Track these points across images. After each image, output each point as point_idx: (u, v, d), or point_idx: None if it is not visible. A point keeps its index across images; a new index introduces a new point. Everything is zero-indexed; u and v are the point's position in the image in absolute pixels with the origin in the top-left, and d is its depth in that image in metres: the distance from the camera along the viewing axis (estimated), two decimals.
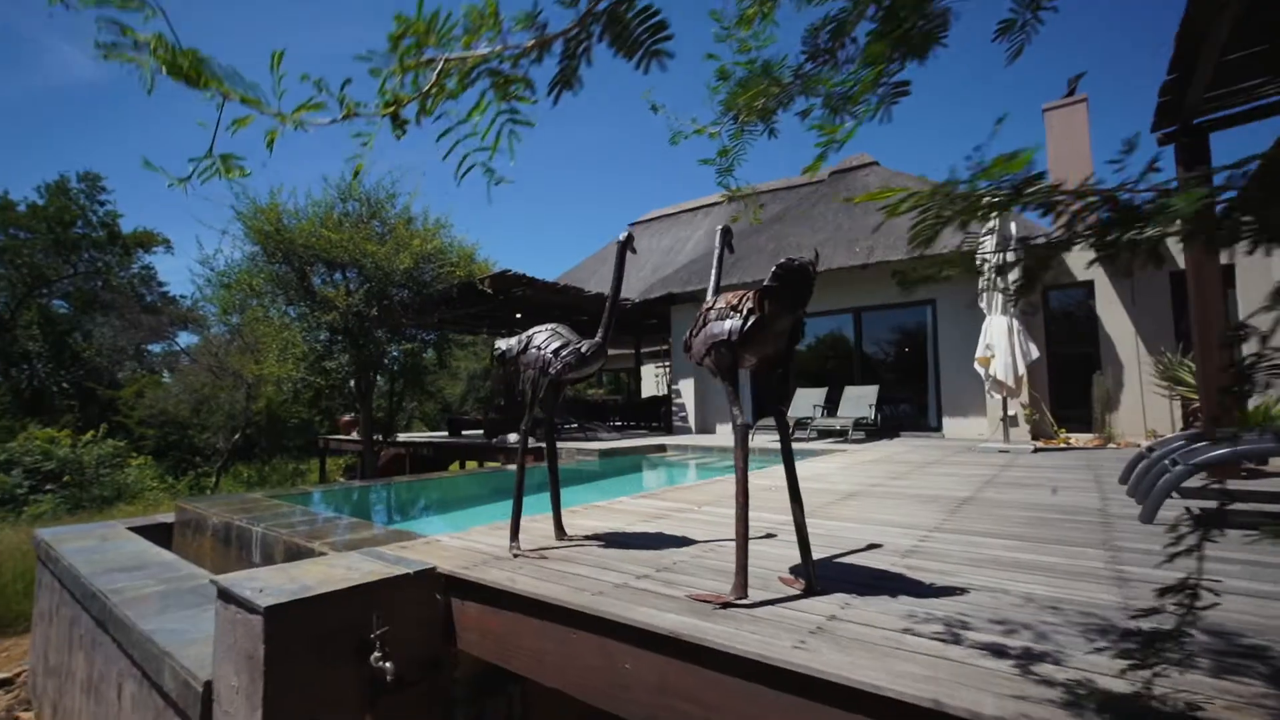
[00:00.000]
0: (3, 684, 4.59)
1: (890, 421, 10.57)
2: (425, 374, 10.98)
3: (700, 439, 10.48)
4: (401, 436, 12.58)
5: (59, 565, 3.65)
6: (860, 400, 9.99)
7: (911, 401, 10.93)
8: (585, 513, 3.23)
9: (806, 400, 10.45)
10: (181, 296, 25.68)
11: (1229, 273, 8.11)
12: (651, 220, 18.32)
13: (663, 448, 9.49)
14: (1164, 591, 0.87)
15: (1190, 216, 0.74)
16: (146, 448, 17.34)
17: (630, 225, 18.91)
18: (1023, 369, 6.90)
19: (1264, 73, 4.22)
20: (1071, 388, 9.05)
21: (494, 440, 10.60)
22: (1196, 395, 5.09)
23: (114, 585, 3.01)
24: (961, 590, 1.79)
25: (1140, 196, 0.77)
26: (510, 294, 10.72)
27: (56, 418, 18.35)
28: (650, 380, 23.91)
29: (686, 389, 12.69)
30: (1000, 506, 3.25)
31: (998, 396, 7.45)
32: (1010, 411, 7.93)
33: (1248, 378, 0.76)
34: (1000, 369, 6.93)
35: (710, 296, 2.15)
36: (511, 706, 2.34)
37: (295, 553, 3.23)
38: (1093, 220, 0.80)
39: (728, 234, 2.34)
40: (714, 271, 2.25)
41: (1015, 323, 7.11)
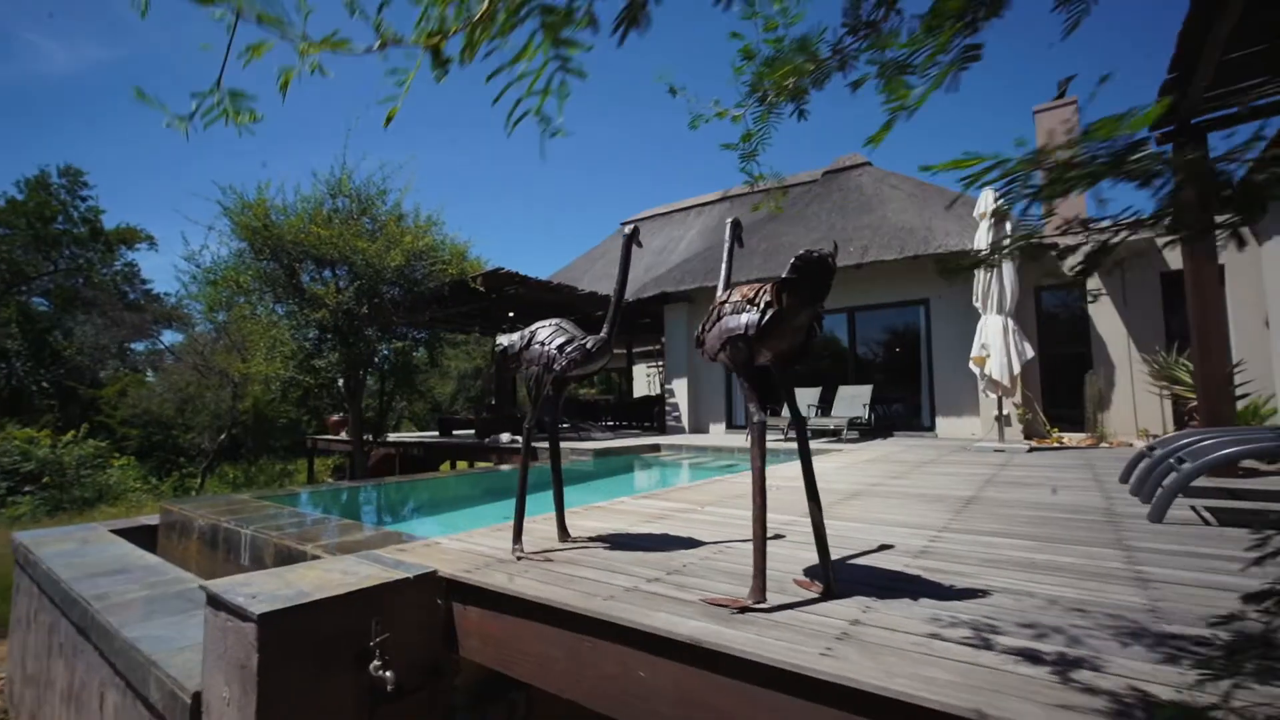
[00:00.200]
0: None
1: (884, 421, 10.58)
2: (416, 373, 10.82)
3: (694, 439, 10.43)
4: (391, 436, 12.42)
5: (38, 569, 3.52)
6: (854, 400, 9.99)
7: (905, 401, 10.95)
8: (586, 513, 3.15)
9: (800, 400, 10.44)
10: (165, 294, 25.24)
11: (1219, 273, 8.19)
12: (644, 219, 18.25)
13: (657, 447, 9.43)
14: (1250, 599, 0.81)
15: None
16: (129, 448, 17.00)
17: (623, 223, 18.83)
18: (1018, 368, 6.91)
19: (1263, 72, 4.24)
20: (1063, 387, 9.10)
21: (486, 440, 10.49)
22: (1193, 394, 5.11)
23: (96, 590, 2.90)
24: (983, 592, 1.74)
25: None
26: (503, 292, 10.61)
27: (36, 417, 17.94)
28: (642, 380, 23.84)
29: (680, 389, 12.63)
30: (1005, 506, 3.22)
31: (993, 396, 7.45)
32: (1003, 411, 7.95)
33: None
34: (996, 368, 6.93)
35: (721, 291, 2.09)
36: (514, 714, 2.26)
37: (286, 556, 3.13)
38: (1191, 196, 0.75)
39: (738, 226, 2.28)
40: (724, 265, 2.19)
41: (1010, 322, 7.12)
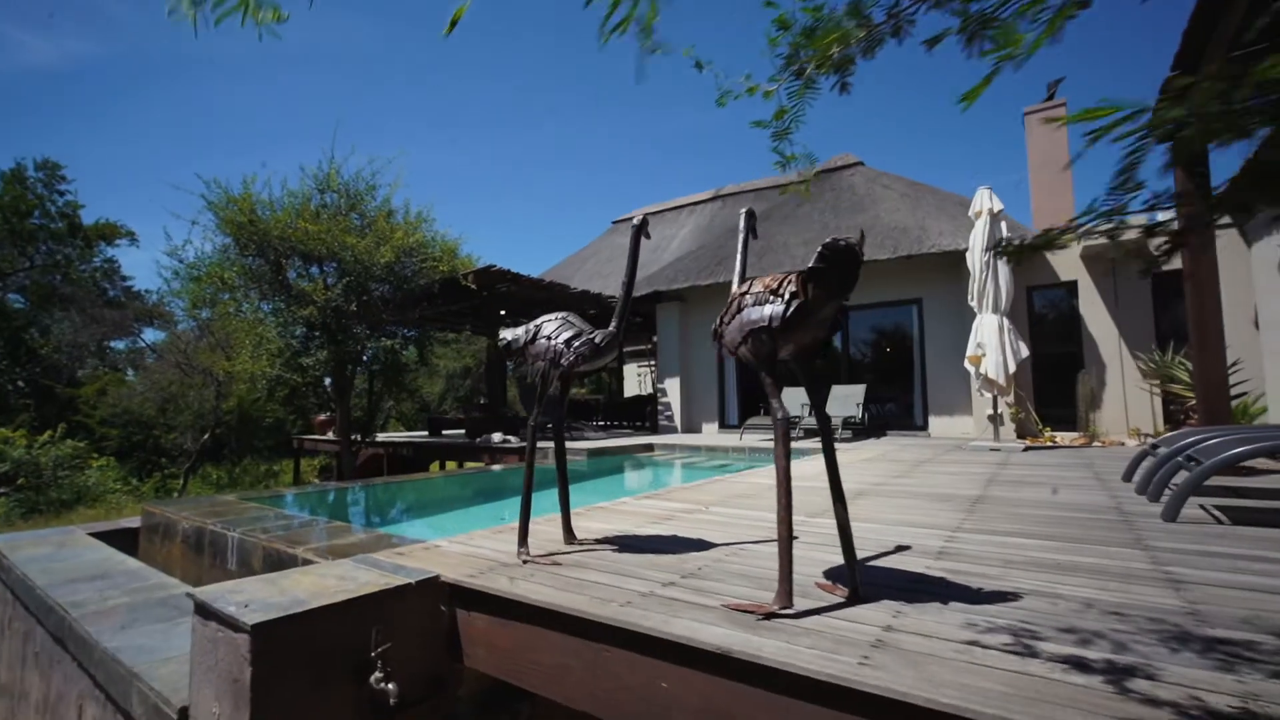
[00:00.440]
0: None
1: (876, 420, 10.57)
2: (405, 372, 10.65)
3: (687, 438, 10.36)
4: (380, 436, 12.22)
5: (11, 575, 3.36)
6: (848, 399, 9.97)
7: (897, 401, 10.96)
8: (589, 514, 3.06)
9: (794, 399, 10.41)
10: (147, 291, 24.71)
11: (1215, 272, 8.26)
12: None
13: (650, 447, 9.35)
14: None
15: None
16: (109, 448, 16.60)
17: (614, 222, 18.73)
18: (1014, 367, 6.92)
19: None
20: (1054, 387, 9.14)
21: (477, 440, 10.34)
22: (1190, 394, 5.13)
23: (74, 597, 2.76)
24: (1014, 595, 1.68)
25: None
26: (494, 290, 10.48)
27: (11, 417, 17.46)
28: (632, 380, 23.74)
29: (672, 388, 12.56)
30: (1015, 505, 3.18)
31: (988, 395, 7.47)
32: (998, 410, 7.97)
33: None
34: (992, 367, 6.94)
35: (736, 283, 2.01)
36: None
37: (276, 560, 3.01)
38: None
39: (752, 217, 2.20)
40: (739, 257, 2.11)
41: (1006, 321, 7.13)
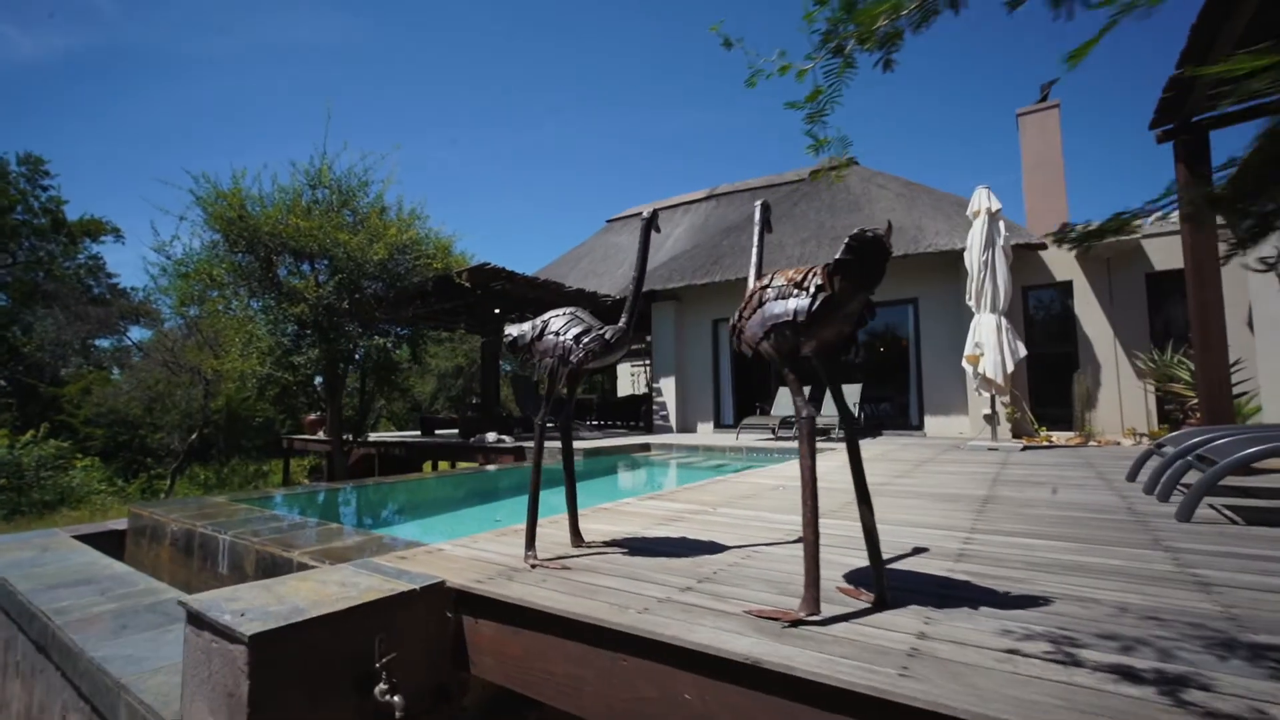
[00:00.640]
0: None
1: (872, 420, 10.57)
2: (397, 371, 10.51)
3: (683, 438, 10.31)
4: (372, 436, 12.06)
5: None
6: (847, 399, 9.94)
7: (893, 400, 10.96)
8: (593, 516, 2.99)
9: (790, 399, 10.38)
10: (133, 289, 24.35)
11: (1218, 271, 8.31)
12: (630, 217, 18.09)
13: (647, 447, 9.28)
14: None
15: None
16: (93, 448, 16.29)
17: (609, 221, 18.64)
18: (1012, 367, 6.91)
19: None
20: (1049, 386, 9.17)
21: (471, 440, 10.23)
22: (1191, 393, 5.13)
23: (57, 603, 2.65)
24: (1044, 600, 1.62)
25: None
26: (489, 288, 10.36)
27: None
28: (625, 379, 23.66)
29: (667, 387, 12.50)
30: (1024, 505, 3.14)
31: (986, 394, 7.46)
32: (996, 410, 7.97)
33: None
34: (990, 367, 6.93)
35: (753, 278, 1.95)
36: None
37: (270, 564, 2.91)
38: None
39: (767, 209, 2.14)
40: (755, 251, 2.05)
41: (1004, 320, 7.12)
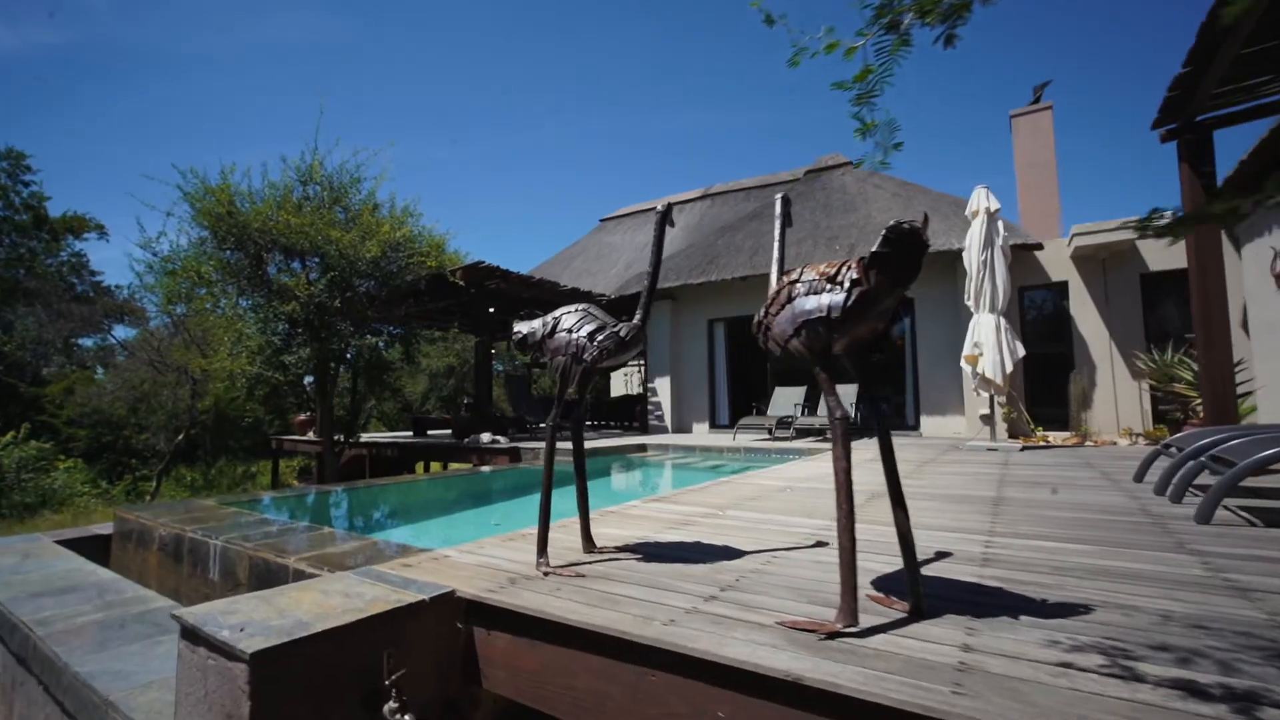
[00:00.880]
0: None
1: (868, 420, 10.56)
2: (389, 370, 10.36)
3: (679, 438, 10.24)
4: (364, 437, 11.89)
5: None
6: (841, 399, 9.92)
7: (888, 401, 10.97)
8: (600, 519, 2.90)
9: (787, 399, 10.35)
10: (117, 286, 23.92)
11: (1221, 271, 8.37)
12: (624, 216, 18.00)
13: (644, 447, 9.21)
14: None
15: None
16: (76, 449, 15.95)
17: (602, 220, 18.54)
18: (1011, 367, 6.90)
19: (1270, 70, 4.22)
20: (1044, 386, 9.20)
21: (465, 440, 10.10)
22: (1193, 393, 5.13)
23: (40, 613, 2.52)
24: (1083, 607, 1.56)
25: None
26: (483, 287, 10.23)
27: None
28: (619, 378, 23.55)
29: (663, 387, 12.44)
30: (1037, 507, 3.09)
31: (984, 394, 7.45)
32: (988, 410, 7.97)
33: None
34: (989, 367, 6.91)
35: (775, 273, 1.88)
36: None
37: (264, 570, 2.80)
38: None
39: (788, 203, 2.06)
40: (776, 246, 1.97)
41: (1003, 320, 7.11)
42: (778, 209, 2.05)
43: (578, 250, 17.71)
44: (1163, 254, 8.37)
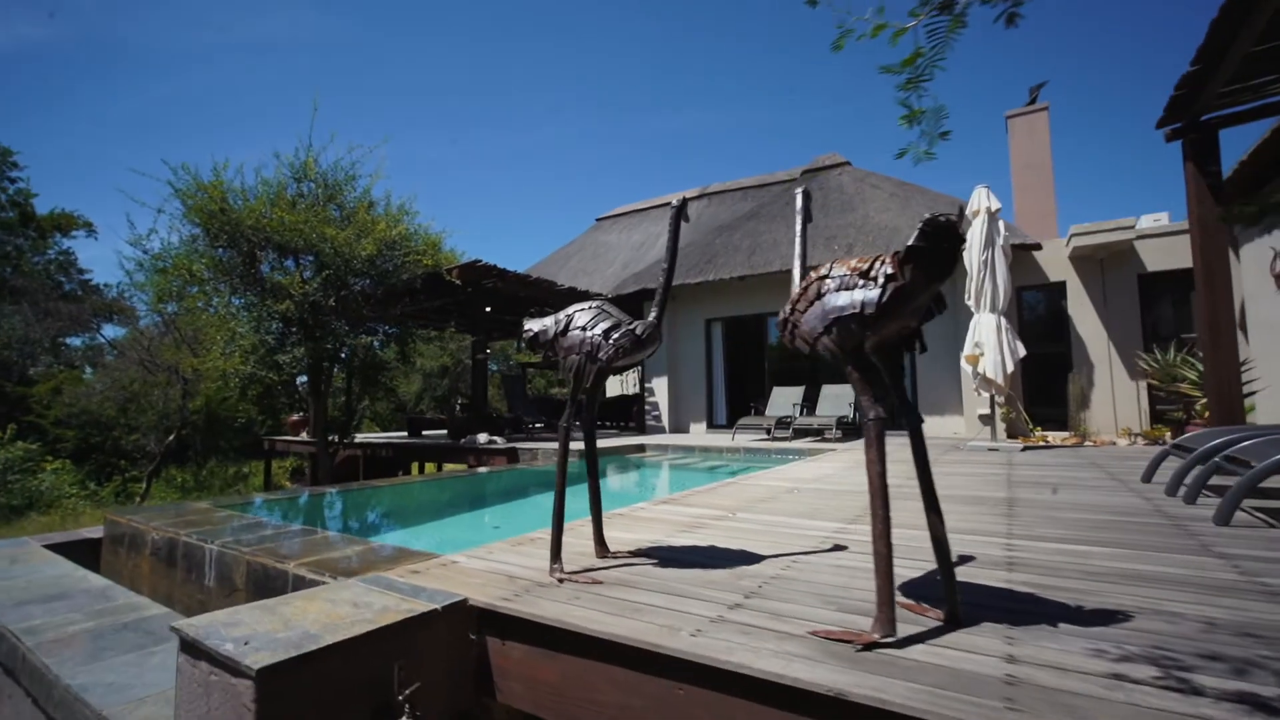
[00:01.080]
0: None
1: (863, 423, 10.53)
2: (384, 370, 10.24)
3: (677, 438, 10.19)
4: (358, 437, 11.76)
5: None
6: (839, 399, 9.91)
7: (885, 401, 10.94)
8: (610, 522, 2.83)
9: (785, 399, 10.31)
10: (106, 285, 23.60)
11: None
12: (620, 215, 17.93)
13: (642, 448, 9.15)
14: None
15: None
16: (64, 450, 15.70)
17: (598, 219, 18.47)
18: (1012, 366, 6.89)
19: (1277, 69, 4.21)
20: (1042, 386, 9.21)
21: (462, 441, 10.00)
22: (1197, 393, 5.12)
23: (28, 622, 2.43)
24: (1122, 614, 1.51)
25: None
26: (480, 286, 10.13)
27: None
28: (615, 378, 23.48)
29: (660, 387, 12.37)
30: (1050, 508, 3.05)
31: (985, 394, 7.44)
32: (987, 410, 7.97)
33: None
34: (990, 367, 6.89)
35: (797, 269, 1.81)
36: None
37: (262, 575, 2.71)
38: None
39: (808, 197, 2.01)
40: (799, 242, 1.91)
41: (1003, 320, 7.10)
42: (798, 203, 1.99)
43: (574, 249, 17.62)
44: (1160, 255, 8.40)
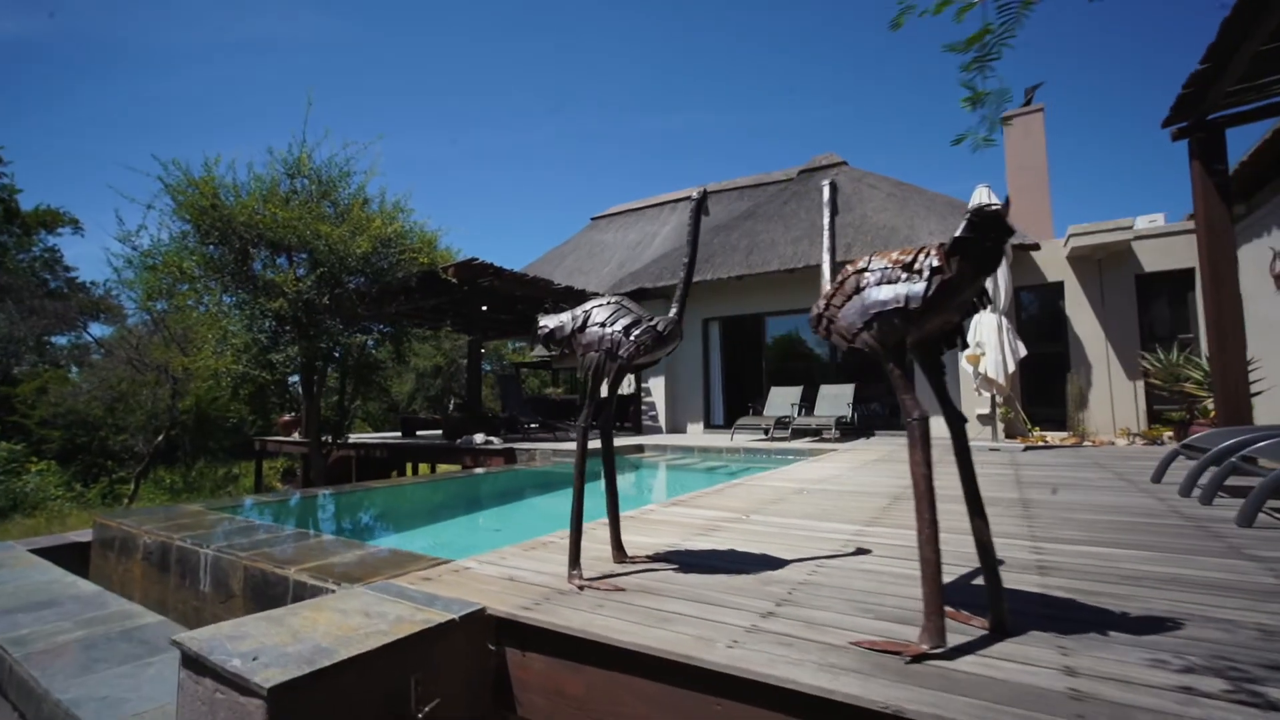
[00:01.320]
0: None
1: (864, 421, 10.52)
2: (378, 369, 10.10)
3: (675, 439, 10.12)
4: (351, 437, 11.60)
5: None
6: (838, 399, 9.88)
7: (883, 401, 10.94)
8: (621, 524, 2.75)
9: (784, 399, 10.27)
10: (93, 283, 23.21)
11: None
12: (616, 214, 17.85)
13: (641, 448, 9.07)
14: None
15: None
16: (50, 451, 15.39)
17: (593, 218, 18.37)
18: (1013, 366, 6.87)
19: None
20: (1040, 386, 9.22)
21: (458, 441, 9.89)
22: (1202, 392, 5.11)
23: (15, 631, 2.32)
24: (1172, 621, 1.45)
25: None
26: (476, 284, 10.02)
27: None
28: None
29: (657, 387, 12.31)
30: (1066, 509, 3.01)
31: (986, 394, 7.42)
32: (986, 410, 7.96)
33: None
34: (991, 366, 6.88)
35: (827, 263, 1.75)
36: None
37: (260, 581, 2.61)
38: None
39: (835, 190, 1.94)
40: (826, 235, 1.84)
41: (1004, 320, 7.08)
42: (825, 195, 1.92)
43: (570, 248, 17.52)
44: (1158, 255, 8.43)
